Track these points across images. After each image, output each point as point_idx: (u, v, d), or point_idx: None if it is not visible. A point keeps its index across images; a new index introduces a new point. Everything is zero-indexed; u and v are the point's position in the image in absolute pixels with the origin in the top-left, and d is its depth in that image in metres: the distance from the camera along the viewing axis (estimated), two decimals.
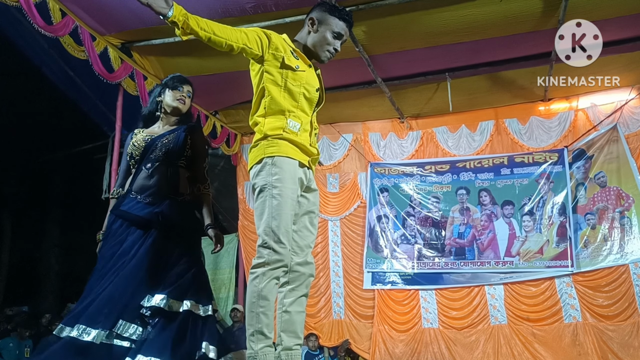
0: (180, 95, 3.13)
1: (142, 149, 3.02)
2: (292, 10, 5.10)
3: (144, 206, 2.91)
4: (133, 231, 2.87)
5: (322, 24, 2.69)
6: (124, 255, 2.79)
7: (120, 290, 2.68)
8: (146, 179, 2.97)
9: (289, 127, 2.53)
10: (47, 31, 4.73)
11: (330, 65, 6.25)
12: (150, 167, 2.98)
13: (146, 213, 2.87)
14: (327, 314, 7.76)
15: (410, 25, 5.38)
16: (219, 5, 5.04)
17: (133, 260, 2.77)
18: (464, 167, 7.56)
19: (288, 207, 2.46)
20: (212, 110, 7.65)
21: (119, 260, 2.78)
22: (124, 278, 2.71)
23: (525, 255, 7.10)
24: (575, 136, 7.25)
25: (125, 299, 2.67)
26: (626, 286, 6.66)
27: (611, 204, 6.95)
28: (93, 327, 2.57)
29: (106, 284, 2.71)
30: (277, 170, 2.45)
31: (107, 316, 2.61)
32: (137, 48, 5.87)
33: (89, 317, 2.60)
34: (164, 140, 3.04)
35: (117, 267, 2.76)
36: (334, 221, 7.98)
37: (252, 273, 2.44)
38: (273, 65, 2.55)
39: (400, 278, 7.48)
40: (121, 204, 2.97)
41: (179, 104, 3.12)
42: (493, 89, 7.02)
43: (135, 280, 2.71)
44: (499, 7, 5.11)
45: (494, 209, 7.37)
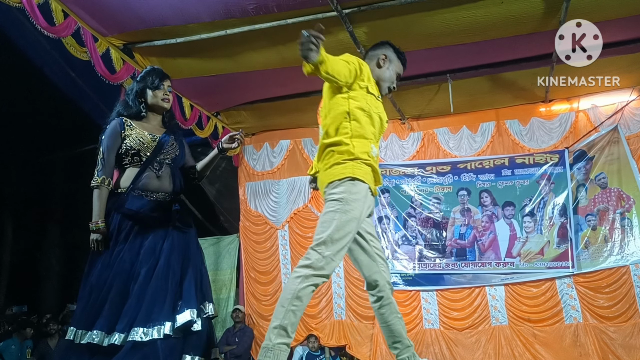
0: (164, 95, 3.13)
1: (154, 149, 3.02)
2: (294, 12, 5.10)
3: (155, 205, 2.95)
4: (148, 230, 2.90)
5: (391, 63, 3.03)
6: (150, 254, 2.84)
7: (161, 294, 2.79)
8: (154, 179, 2.99)
9: (372, 153, 2.78)
10: (50, 32, 4.73)
11: None
12: (158, 168, 3.01)
13: (162, 214, 2.94)
14: (328, 315, 7.77)
15: (412, 26, 5.38)
16: (221, 6, 5.05)
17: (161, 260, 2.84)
18: (465, 168, 7.56)
19: (353, 227, 2.66)
20: (214, 111, 7.66)
21: (147, 260, 2.83)
22: (160, 280, 2.81)
23: (526, 256, 7.11)
24: (576, 137, 7.26)
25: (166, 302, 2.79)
26: (627, 287, 6.68)
27: (612, 205, 6.96)
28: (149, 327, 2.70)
29: (145, 287, 2.78)
30: (357, 191, 2.67)
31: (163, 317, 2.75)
32: (139, 49, 5.87)
33: (145, 320, 2.71)
34: (170, 145, 3.10)
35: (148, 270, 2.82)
36: None
37: (297, 272, 2.60)
38: (360, 92, 2.79)
39: (402, 279, 7.49)
40: (125, 202, 2.94)
41: (164, 103, 3.14)
42: (494, 90, 7.02)
43: (168, 283, 2.82)
44: (500, 9, 5.11)
45: (495, 210, 7.38)
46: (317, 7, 5.02)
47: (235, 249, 8.51)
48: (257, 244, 8.31)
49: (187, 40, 5.60)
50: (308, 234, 8.07)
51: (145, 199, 2.94)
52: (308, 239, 8.05)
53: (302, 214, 8.18)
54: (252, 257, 8.29)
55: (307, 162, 8.26)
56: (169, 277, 2.81)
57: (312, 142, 8.28)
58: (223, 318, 8.25)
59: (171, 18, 5.27)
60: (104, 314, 2.72)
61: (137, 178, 2.98)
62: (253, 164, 8.58)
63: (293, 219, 8.19)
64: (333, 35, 5.51)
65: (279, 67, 6.19)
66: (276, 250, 8.19)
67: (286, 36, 5.52)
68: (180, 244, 2.94)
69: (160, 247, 2.85)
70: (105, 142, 3.03)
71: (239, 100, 7.42)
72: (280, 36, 5.52)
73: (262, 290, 8.13)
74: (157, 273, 2.79)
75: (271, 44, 5.71)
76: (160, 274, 2.79)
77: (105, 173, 2.98)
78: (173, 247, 2.88)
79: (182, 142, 3.19)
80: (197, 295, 2.86)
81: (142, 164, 3.00)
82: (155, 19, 5.30)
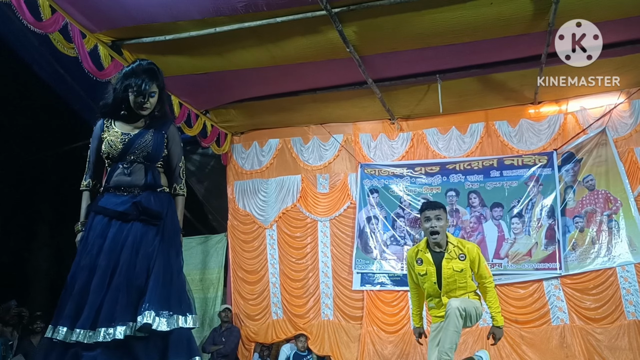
0: (143, 105, 2.93)
1: (120, 150, 2.94)
2: (283, 10, 5.09)
3: (123, 200, 2.89)
4: (114, 225, 2.84)
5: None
6: (109, 251, 2.77)
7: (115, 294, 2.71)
8: (124, 176, 2.93)
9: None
10: (37, 27, 4.69)
11: (322, 65, 6.28)
12: (127, 166, 2.94)
13: (125, 207, 2.86)
14: (315, 315, 7.75)
15: (402, 26, 5.39)
16: (211, 4, 5.03)
17: (122, 256, 2.77)
18: (453, 169, 7.58)
19: None
20: (203, 109, 7.63)
21: (106, 257, 2.77)
22: (121, 277, 2.74)
23: (514, 257, 7.13)
24: (565, 139, 7.29)
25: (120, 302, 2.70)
26: (613, 289, 6.71)
27: (599, 207, 7.00)
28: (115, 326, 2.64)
29: (103, 284, 2.73)
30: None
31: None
32: (127, 46, 5.83)
33: (105, 319, 2.65)
34: (142, 141, 2.96)
35: (106, 265, 2.75)
36: (324, 222, 7.97)
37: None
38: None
39: (390, 279, 7.48)
40: (99, 200, 2.95)
41: (141, 111, 2.96)
42: (483, 91, 7.04)
43: (128, 281, 2.74)
44: (490, 10, 5.13)
45: (483, 211, 7.39)
46: (307, 6, 5.01)
47: (223, 248, 8.47)
48: (245, 243, 8.28)
49: (176, 38, 5.58)
50: (296, 234, 8.06)
51: (117, 196, 2.91)
52: (296, 238, 8.05)
53: (291, 214, 8.16)
54: (240, 256, 8.27)
55: (296, 162, 8.25)
56: (130, 274, 2.74)
57: (301, 142, 8.27)
58: (210, 317, 8.21)
59: (160, 15, 5.24)
60: (66, 311, 2.69)
61: (110, 177, 2.96)
62: (242, 162, 8.55)
63: (281, 219, 8.17)
64: (322, 35, 5.52)
65: (269, 66, 6.18)
66: (264, 249, 8.17)
67: (276, 35, 5.52)
68: (146, 238, 2.83)
69: (123, 242, 2.79)
70: (91, 145, 3.05)
71: (228, 98, 7.40)
72: (269, 34, 5.51)
73: (249, 289, 8.11)
74: (120, 270, 2.73)
75: (260, 42, 5.69)
76: (123, 271, 2.73)
77: (92, 176, 3.04)
78: (135, 242, 2.80)
79: (159, 137, 3.00)
80: (163, 295, 2.73)
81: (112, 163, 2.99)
82: (144, 16, 5.27)
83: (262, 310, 7.97)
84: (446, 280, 4.13)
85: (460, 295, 4.13)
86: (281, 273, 8.03)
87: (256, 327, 7.93)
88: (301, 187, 8.15)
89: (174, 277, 2.83)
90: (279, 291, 7.97)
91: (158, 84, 2.98)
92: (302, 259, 7.99)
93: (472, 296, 4.22)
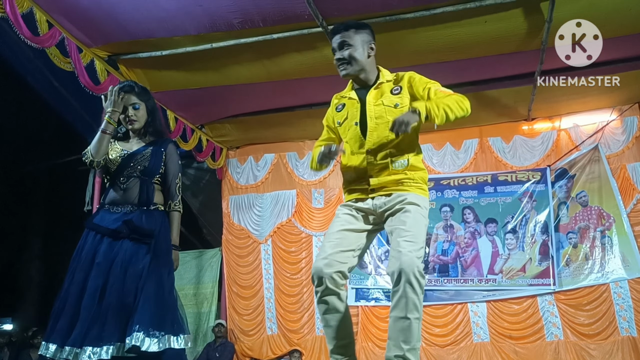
0: (129, 119, 3.02)
1: (118, 165, 2.98)
2: (279, 27, 5.13)
3: (116, 218, 2.90)
4: (105, 242, 2.85)
5: None
6: (99, 269, 2.77)
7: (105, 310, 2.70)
8: (119, 192, 2.96)
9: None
10: (34, 42, 4.70)
11: (317, 81, 6.31)
12: (124, 181, 2.97)
13: (117, 225, 2.86)
14: (310, 330, 7.71)
15: (397, 43, 5.43)
16: (207, 20, 5.07)
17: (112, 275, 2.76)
18: (448, 184, 7.61)
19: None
20: (198, 124, 7.64)
21: (96, 274, 2.76)
22: (111, 297, 2.72)
23: (508, 273, 7.14)
24: (558, 155, 7.35)
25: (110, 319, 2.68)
26: (607, 305, 6.73)
27: (592, 223, 7.04)
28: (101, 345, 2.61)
29: (93, 303, 2.71)
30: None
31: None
32: (123, 61, 5.85)
33: (94, 338, 2.63)
34: (139, 157, 3.01)
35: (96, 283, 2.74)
36: (319, 237, 7.96)
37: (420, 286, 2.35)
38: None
39: (384, 295, 7.46)
40: (94, 217, 2.98)
41: (130, 126, 3.05)
42: (477, 108, 7.03)
43: (119, 300, 2.71)
44: (484, 27, 5.19)
45: (478, 227, 7.42)
46: (303, 22, 5.05)
47: (217, 263, 8.44)
48: (239, 257, 8.26)
49: (172, 53, 5.60)
50: (291, 249, 8.04)
51: (111, 213, 2.93)
52: (291, 253, 8.03)
53: (286, 229, 8.15)
54: (235, 271, 8.24)
55: (291, 176, 8.26)
56: (120, 293, 2.72)
57: (297, 156, 8.29)
58: (204, 332, 8.16)
59: (157, 30, 5.27)
60: (57, 328, 2.69)
61: (106, 193, 3.00)
62: (237, 177, 8.55)
63: (276, 234, 8.16)
64: (318, 51, 5.56)
65: (264, 81, 6.21)
66: (259, 264, 8.14)
67: (271, 50, 5.56)
68: (136, 257, 2.82)
69: (113, 260, 2.79)
70: None
71: (224, 113, 7.42)
72: (265, 50, 5.55)
73: (244, 304, 8.07)
74: (109, 289, 2.72)
75: (256, 57, 5.73)
76: (113, 289, 2.72)
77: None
78: (125, 260, 2.79)
79: (157, 153, 3.05)
80: (154, 315, 2.71)
81: (109, 179, 3.02)
82: (140, 31, 5.29)
83: (257, 326, 7.92)
84: (374, 122, 2.66)
85: (397, 160, 2.63)
86: (276, 288, 8.00)
87: (250, 343, 7.88)
88: (296, 202, 8.15)
89: (165, 296, 2.81)
90: (273, 306, 7.94)
91: (138, 96, 3.05)
92: (297, 274, 7.97)
93: (414, 187, 2.62)
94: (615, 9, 4.90)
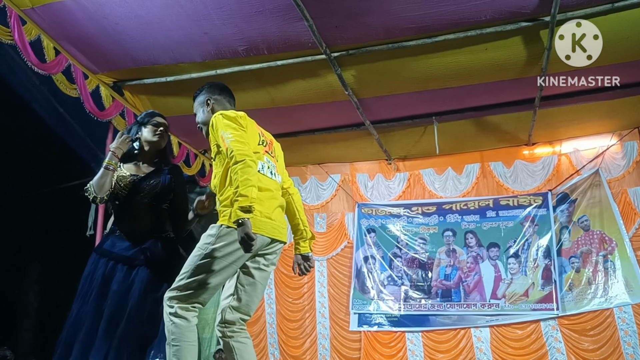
0: (158, 130, 3.16)
1: (129, 190, 3.00)
2: (283, 54, 5.20)
3: (129, 245, 2.91)
4: (120, 269, 2.85)
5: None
6: (116, 297, 2.77)
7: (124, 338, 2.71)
8: (131, 219, 2.97)
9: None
10: (41, 69, 4.75)
11: (320, 108, 6.36)
12: (135, 207, 2.98)
13: (132, 252, 2.87)
14: (312, 356, 7.66)
15: (399, 70, 5.50)
16: (212, 47, 5.13)
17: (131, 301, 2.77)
18: (450, 209, 7.63)
19: None
20: (202, 149, 7.68)
21: (112, 302, 2.76)
22: (131, 324, 2.73)
23: (511, 297, 7.11)
24: (559, 180, 7.38)
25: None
26: (611, 330, 6.68)
27: (595, 247, 7.03)
28: None
29: (113, 330, 2.72)
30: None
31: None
32: (128, 87, 5.91)
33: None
34: (151, 182, 3.04)
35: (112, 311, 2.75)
36: (321, 261, 7.96)
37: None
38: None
39: (387, 320, 7.43)
40: (104, 242, 2.98)
41: (157, 138, 3.15)
42: (479, 133, 7.14)
43: (137, 327, 2.73)
44: (485, 55, 5.25)
45: (480, 251, 7.42)
46: (307, 50, 5.11)
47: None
48: None
49: (177, 79, 5.66)
50: (293, 273, 8.00)
51: (123, 240, 2.94)
52: (293, 278, 8.00)
53: (288, 253, 8.12)
54: None
55: None
56: (139, 320, 2.75)
57: (299, 181, 8.32)
58: (205, 358, 8.09)
59: (162, 57, 5.33)
60: (73, 356, 2.68)
61: (117, 219, 3.02)
62: None
63: None
64: (322, 78, 5.62)
65: (267, 107, 6.26)
66: None
67: (275, 77, 5.61)
68: (153, 284, 2.85)
69: (130, 288, 2.80)
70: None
71: None
72: (269, 77, 5.61)
73: None
74: (128, 316, 2.74)
75: (260, 84, 5.78)
76: (131, 317, 2.74)
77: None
78: (142, 288, 2.81)
79: (166, 179, 3.09)
80: None
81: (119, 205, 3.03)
82: (146, 58, 5.36)
83: (259, 352, 7.85)
84: None
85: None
86: (278, 313, 7.96)
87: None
88: None
89: None
90: (275, 332, 7.89)
91: (166, 124, 3.23)
92: (299, 299, 7.93)
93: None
94: (614, 37, 4.96)
